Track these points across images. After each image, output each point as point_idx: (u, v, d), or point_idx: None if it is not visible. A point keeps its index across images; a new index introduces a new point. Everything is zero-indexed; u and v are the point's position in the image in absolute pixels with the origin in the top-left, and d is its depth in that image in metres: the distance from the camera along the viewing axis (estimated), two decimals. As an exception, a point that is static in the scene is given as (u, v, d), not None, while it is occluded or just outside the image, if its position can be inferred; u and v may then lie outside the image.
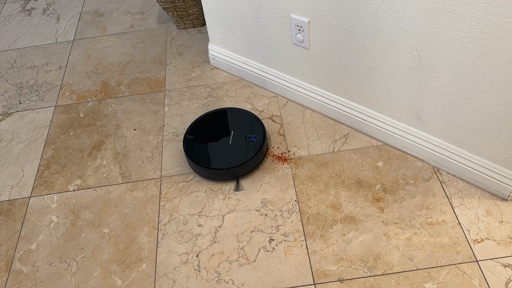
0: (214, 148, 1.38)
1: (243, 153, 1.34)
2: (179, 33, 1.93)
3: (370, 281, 1.11)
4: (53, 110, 1.67)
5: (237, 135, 1.40)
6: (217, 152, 1.36)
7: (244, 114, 1.47)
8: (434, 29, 1.05)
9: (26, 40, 2.02)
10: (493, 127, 1.12)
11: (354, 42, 1.24)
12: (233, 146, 1.37)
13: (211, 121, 1.46)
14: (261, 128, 1.41)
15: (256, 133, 1.40)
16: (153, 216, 1.30)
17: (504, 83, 1.02)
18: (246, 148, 1.35)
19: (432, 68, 1.13)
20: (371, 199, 1.27)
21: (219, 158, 1.35)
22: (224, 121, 1.46)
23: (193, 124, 1.46)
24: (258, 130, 1.41)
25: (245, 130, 1.41)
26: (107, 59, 1.86)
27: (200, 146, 1.39)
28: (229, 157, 1.34)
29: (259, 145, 1.36)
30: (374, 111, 1.37)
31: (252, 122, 1.43)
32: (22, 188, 1.42)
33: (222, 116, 1.48)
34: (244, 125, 1.43)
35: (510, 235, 1.16)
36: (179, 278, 1.16)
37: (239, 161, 1.32)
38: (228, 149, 1.37)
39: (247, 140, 1.38)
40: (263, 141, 1.38)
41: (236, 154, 1.35)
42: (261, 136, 1.39)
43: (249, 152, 1.34)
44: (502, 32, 0.95)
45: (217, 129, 1.43)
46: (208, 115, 1.48)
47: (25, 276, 1.20)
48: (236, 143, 1.38)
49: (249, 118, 1.45)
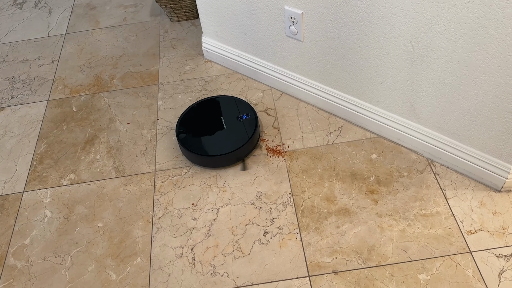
0: (212, 136, 1.39)
1: (242, 132, 1.37)
2: (172, 26, 1.92)
3: (364, 273, 1.11)
4: (45, 104, 1.65)
5: (228, 118, 1.42)
6: (216, 139, 1.37)
7: (225, 99, 1.50)
8: (428, 20, 1.05)
9: (18, 34, 1.99)
10: (486, 118, 1.13)
11: (348, 34, 1.23)
12: (229, 129, 1.39)
13: (198, 113, 1.47)
14: (247, 105, 1.45)
15: (245, 111, 1.43)
16: (148, 210, 1.29)
17: (497, 74, 1.02)
18: (243, 127, 1.38)
19: (426, 60, 1.12)
20: (365, 191, 1.27)
21: (222, 143, 1.36)
22: (210, 109, 1.47)
23: (181, 119, 1.45)
24: (246, 108, 1.44)
25: (234, 112, 1.44)
26: (100, 52, 1.84)
27: (196, 137, 1.39)
28: (230, 140, 1.36)
29: (254, 121, 1.40)
30: (368, 104, 1.37)
31: (236, 103, 1.47)
32: (15, 183, 1.41)
33: (206, 106, 1.49)
34: (231, 108, 1.46)
35: (503, 226, 1.17)
36: (174, 271, 1.16)
37: (243, 140, 1.35)
38: (225, 133, 1.38)
39: (239, 120, 1.40)
40: (255, 116, 1.41)
41: (236, 135, 1.37)
42: (251, 113, 1.42)
43: (248, 129, 1.37)
44: (495, 23, 0.95)
45: (206, 119, 1.44)
46: (192, 108, 1.49)
47: (19, 271, 1.20)
48: (230, 125, 1.40)
49: (231, 101, 1.48)
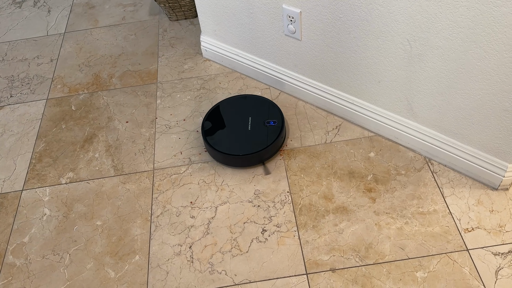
0: (234, 134, 1.39)
1: (263, 137, 1.35)
2: (171, 25, 1.92)
3: (362, 271, 1.11)
4: (44, 103, 1.66)
5: (255, 120, 1.41)
6: (237, 138, 1.37)
7: (260, 100, 1.47)
8: (425, 18, 1.05)
9: (17, 33, 2.00)
10: (483, 116, 1.13)
11: (345, 32, 1.24)
12: (252, 131, 1.38)
13: (227, 108, 1.46)
14: (278, 112, 1.42)
15: (274, 117, 1.40)
16: (146, 208, 1.30)
17: (494, 72, 1.03)
18: (266, 133, 1.36)
19: (423, 58, 1.13)
20: (363, 189, 1.27)
21: (241, 144, 1.36)
22: (240, 108, 1.46)
23: (210, 112, 1.45)
24: (276, 115, 1.41)
25: (264, 114, 1.42)
26: (98, 51, 1.84)
27: (219, 131, 1.40)
28: (249, 143, 1.35)
29: (278, 130, 1.37)
30: (366, 102, 1.37)
31: (268, 107, 1.44)
32: (14, 181, 1.41)
33: (237, 103, 1.48)
34: (261, 111, 1.43)
35: (500, 224, 1.17)
36: (172, 269, 1.17)
37: (260, 146, 1.34)
38: (247, 134, 1.38)
39: (266, 125, 1.38)
40: (282, 125, 1.39)
41: (256, 139, 1.36)
42: (279, 120, 1.40)
43: (267, 139, 1.35)
44: (491, 21, 0.95)
45: (234, 116, 1.43)
46: (223, 102, 1.48)
47: (18, 269, 1.20)
48: (254, 129, 1.39)
49: (265, 103, 1.46)
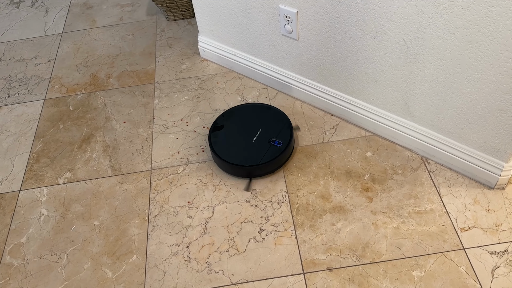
0: (236, 141, 1.35)
1: (260, 155, 1.30)
2: (168, 25, 1.92)
3: (359, 270, 1.12)
4: (42, 103, 1.66)
5: (263, 134, 1.36)
6: (239, 146, 1.34)
7: (279, 116, 1.41)
8: (421, 18, 1.06)
9: (15, 33, 2.00)
10: (479, 116, 1.13)
11: (342, 32, 1.24)
12: (255, 145, 1.33)
13: (246, 112, 1.43)
14: (289, 135, 1.35)
15: (283, 138, 1.34)
16: (144, 208, 1.30)
17: (489, 72, 1.03)
18: (265, 151, 1.31)
19: (419, 58, 1.13)
20: (360, 189, 1.28)
21: (238, 153, 1.32)
22: (258, 116, 1.42)
23: (229, 110, 1.44)
24: (285, 136, 1.35)
25: (273, 132, 1.36)
26: (96, 51, 1.84)
27: (224, 136, 1.38)
28: (245, 155, 1.31)
29: (278, 152, 1.31)
30: (363, 102, 1.37)
31: (282, 127, 1.37)
32: (11, 182, 1.41)
33: (258, 110, 1.44)
34: (274, 127, 1.37)
35: (496, 223, 1.17)
36: (170, 269, 1.17)
37: (252, 161, 1.30)
38: (248, 145, 1.34)
39: (270, 143, 1.33)
40: (284, 148, 1.32)
41: (253, 154, 1.31)
42: (285, 143, 1.33)
43: (265, 156, 1.30)
44: (487, 21, 0.96)
45: (247, 122, 1.40)
46: (243, 106, 1.45)
47: (16, 269, 1.20)
48: (258, 142, 1.34)
49: (282, 121, 1.39)
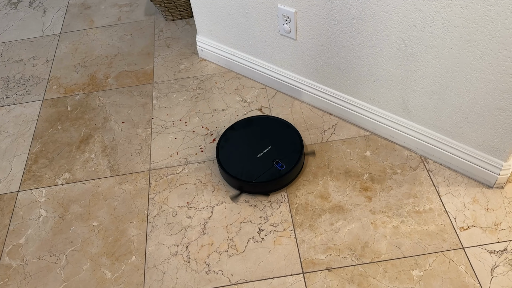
0: (241, 151, 1.32)
1: (258, 172, 1.26)
2: (167, 25, 1.92)
3: (358, 269, 1.12)
4: (40, 104, 1.65)
5: (271, 152, 1.30)
6: (240, 157, 1.31)
7: (294, 137, 1.34)
8: (419, 18, 1.05)
9: (13, 34, 1.99)
10: (478, 115, 1.13)
11: (340, 32, 1.24)
12: (258, 161, 1.29)
13: (263, 125, 1.39)
14: (295, 160, 1.28)
15: (288, 162, 1.27)
16: (142, 209, 1.30)
17: (488, 71, 1.03)
18: (266, 170, 1.26)
19: (418, 57, 1.13)
20: (359, 188, 1.27)
21: (238, 163, 1.29)
22: (274, 132, 1.36)
23: (246, 119, 1.40)
24: (291, 161, 1.28)
25: (281, 153, 1.30)
26: (94, 52, 1.84)
27: (233, 141, 1.34)
28: (244, 168, 1.27)
29: (277, 175, 1.25)
30: (361, 101, 1.37)
31: (293, 150, 1.30)
32: (10, 183, 1.41)
33: (277, 126, 1.38)
34: (285, 148, 1.31)
35: (495, 222, 1.17)
36: (169, 269, 1.17)
37: (247, 177, 1.26)
38: (252, 160, 1.29)
39: (273, 163, 1.28)
40: (285, 173, 1.25)
41: (252, 169, 1.27)
42: (288, 168, 1.26)
43: (262, 175, 1.25)
44: (485, 20, 0.96)
45: (260, 135, 1.35)
46: (263, 118, 1.40)
47: (14, 270, 1.20)
48: (263, 159, 1.29)
49: (295, 144, 1.32)
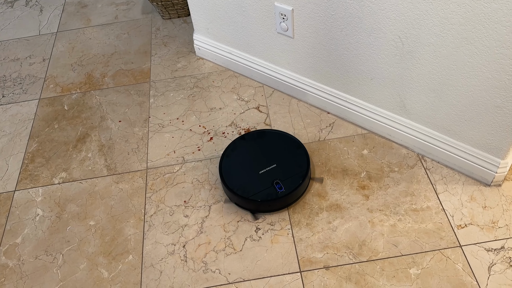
0: (244, 163, 1.27)
1: (255, 189, 1.21)
2: (164, 24, 1.91)
3: (355, 268, 1.12)
4: (37, 103, 1.65)
5: (274, 171, 1.24)
6: (242, 169, 1.26)
7: (302, 160, 1.26)
8: (416, 15, 1.05)
9: (9, 32, 1.98)
10: (475, 113, 1.13)
11: (337, 30, 1.23)
12: (259, 177, 1.23)
13: (273, 140, 1.32)
14: (296, 184, 1.21)
15: (289, 185, 1.21)
16: (139, 208, 1.29)
17: (485, 69, 1.03)
18: (263, 189, 1.21)
19: (415, 55, 1.13)
20: (357, 186, 1.27)
21: (238, 175, 1.25)
22: (283, 149, 1.30)
23: (259, 131, 1.35)
24: (292, 184, 1.21)
25: (284, 174, 1.23)
26: (91, 50, 1.83)
27: (239, 151, 1.30)
28: (242, 181, 1.23)
29: (273, 196, 1.19)
30: (359, 100, 1.37)
31: (297, 173, 1.23)
32: (6, 182, 1.40)
33: (285, 143, 1.31)
34: (290, 169, 1.24)
35: (493, 220, 1.17)
36: (166, 268, 1.16)
37: (243, 191, 1.21)
38: (252, 176, 1.24)
39: (272, 183, 1.22)
40: (282, 196, 1.19)
41: (250, 185, 1.22)
42: (287, 190, 1.20)
43: (258, 194, 1.20)
44: (482, 17, 0.95)
45: (267, 150, 1.29)
46: (278, 133, 1.34)
47: (11, 270, 1.20)
48: (264, 177, 1.23)
49: (301, 167, 1.25)
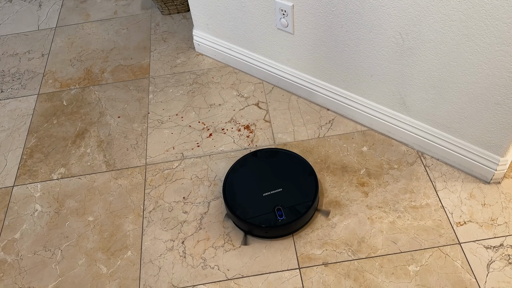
0: (249, 183, 1.22)
1: (256, 212, 1.15)
2: (163, 19, 1.90)
3: (354, 264, 1.12)
4: (36, 98, 1.64)
5: (279, 195, 1.18)
6: (246, 188, 1.21)
7: (311, 189, 1.19)
8: (417, 12, 1.05)
9: (8, 28, 1.97)
10: (475, 110, 1.13)
11: (338, 26, 1.23)
12: (262, 200, 1.17)
13: (283, 161, 1.26)
14: (298, 214, 1.14)
15: (291, 213, 1.14)
16: (138, 204, 1.29)
17: (485, 66, 1.03)
18: (263, 213, 1.15)
19: (415, 52, 1.12)
20: (356, 183, 1.27)
21: (241, 193, 1.20)
22: (291, 173, 1.23)
23: (272, 150, 1.29)
24: (294, 214, 1.14)
25: (289, 200, 1.17)
26: (90, 46, 1.83)
27: (248, 167, 1.25)
28: (243, 200, 1.19)
29: (271, 223, 1.13)
30: (359, 96, 1.37)
31: (302, 202, 1.16)
32: (5, 177, 1.40)
33: (296, 167, 1.24)
34: (296, 197, 1.17)
35: (492, 218, 1.17)
36: (165, 264, 1.16)
37: (241, 211, 1.17)
38: (256, 199, 1.19)
39: (274, 209, 1.15)
40: (282, 224, 1.13)
41: (253, 208, 1.16)
42: (287, 220, 1.13)
43: (256, 217, 1.14)
44: (483, 14, 0.95)
45: (275, 172, 1.23)
46: (292, 156, 1.27)
47: (9, 265, 1.20)
48: (267, 200, 1.17)
49: (308, 196, 1.17)
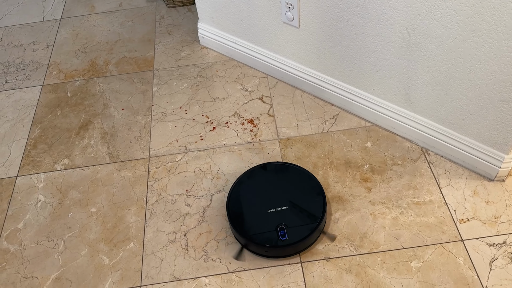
0: (254, 197, 1.18)
1: (255, 229, 1.11)
2: (168, 12, 1.90)
3: (356, 260, 1.11)
4: (40, 89, 1.64)
5: (284, 213, 1.13)
6: (251, 202, 1.17)
7: (318, 210, 1.13)
8: (424, 6, 1.04)
9: (13, 18, 1.97)
10: (481, 107, 1.12)
11: (344, 20, 1.22)
12: (266, 217, 1.13)
13: (292, 176, 1.21)
14: (302, 236, 1.09)
15: (294, 234, 1.09)
16: (141, 196, 1.29)
17: (492, 62, 1.02)
18: (265, 231, 1.11)
19: (422, 47, 1.12)
20: (359, 179, 1.27)
21: (244, 207, 1.17)
22: (299, 191, 1.18)
23: (283, 164, 1.25)
24: (297, 235, 1.09)
25: (293, 220, 1.12)
26: (95, 37, 1.83)
27: (255, 180, 1.22)
28: (246, 215, 1.15)
29: (272, 242, 1.09)
30: (363, 92, 1.36)
31: (307, 223, 1.11)
32: (9, 168, 1.40)
33: (305, 184, 1.19)
34: (301, 217, 1.12)
35: (495, 215, 1.17)
36: (167, 256, 1.16)
37: (241, 226, 1.13)
38: (260, 215, 1.14)
39: (277, 228, 1.11)
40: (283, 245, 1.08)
41: (256, 225, 1.12)
42: (289, 241, 1.08)
43: (257, 235, 1.10)
44: (491, 9, 0.94)
45: (282, 189, 1.18)
46: (303, 173, 1.22)
47: (12, 254, 1.20)
48: (270, 217, 1.13)
49: (314, 218, 1.12)
